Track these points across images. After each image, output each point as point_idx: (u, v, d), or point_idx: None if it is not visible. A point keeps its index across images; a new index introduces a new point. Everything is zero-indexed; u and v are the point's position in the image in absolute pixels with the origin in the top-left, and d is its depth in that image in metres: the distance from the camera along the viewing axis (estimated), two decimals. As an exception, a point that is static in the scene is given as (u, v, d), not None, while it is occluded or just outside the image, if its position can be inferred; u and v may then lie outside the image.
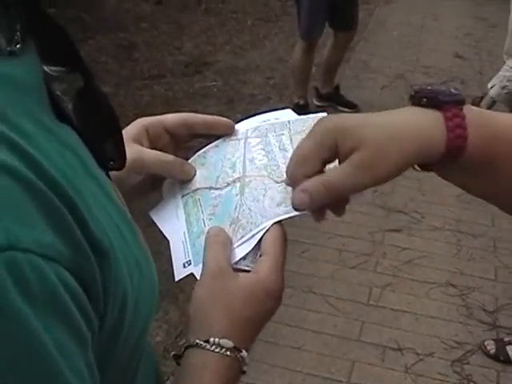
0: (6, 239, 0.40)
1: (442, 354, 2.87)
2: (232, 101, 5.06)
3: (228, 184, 0.80)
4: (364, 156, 0.64)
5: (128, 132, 0.81)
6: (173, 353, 0.69)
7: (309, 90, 4.86)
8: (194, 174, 0.84)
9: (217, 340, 0.64)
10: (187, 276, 0.75)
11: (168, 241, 0.80)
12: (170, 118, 0.84)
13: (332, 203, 0.69)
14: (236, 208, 0.77)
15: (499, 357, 2.84)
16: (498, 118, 0.72)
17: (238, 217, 0.76)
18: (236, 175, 0.81)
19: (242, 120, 0.88)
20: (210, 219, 0.78)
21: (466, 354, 2.87)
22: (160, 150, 0.81)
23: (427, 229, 3.66)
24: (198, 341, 0.65)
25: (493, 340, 2.90)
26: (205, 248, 0.72)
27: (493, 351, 2.85)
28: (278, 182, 0.78)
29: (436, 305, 3.13)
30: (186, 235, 0.79)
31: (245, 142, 0.84)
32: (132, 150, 0.78)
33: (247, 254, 0.73)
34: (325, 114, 0.83)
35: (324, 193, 0.66)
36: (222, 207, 0.78)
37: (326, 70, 4.95)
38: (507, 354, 2.83)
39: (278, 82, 5.43)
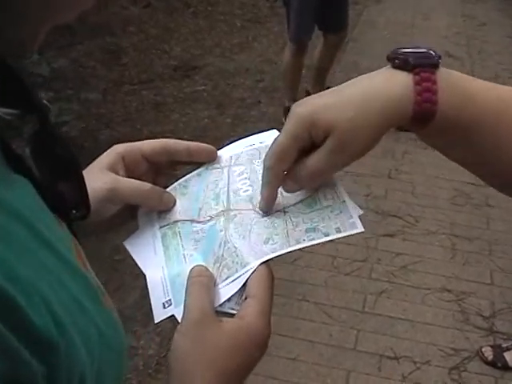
0: None
1: (439, 361, 2.83)
2: (222, 105, 5.02)
3: (211, 218, 0.75)
4: (335, 141, 0.67)
5: (102, 160, 0.77)
6: None
7: (300, 93, 4.81)
8: (174, 204, 0.79)
9: None
10: (168, 318, 0.70)
11: (144, 274, 0.74)
12: (148, 144, 0.79)
13: None
14: (220, 245, 0.72)
15: (497, 363, 2.80)
16: (474, 81, 0.72)
17: (222, 255, 0.71)
18: (220, 208, 0.76)
19: (225, 146, 0.83)
20: (192, 255, 0.73)
21: (463, 360, 2.83)
22: (137, 179, 0.77)
23: (421, 233, 3.62)
24: None
25: (490, 346, 2.87)
26: (187, 289, 0.67)
27: (490, 358, 2.81)
28: (265, 216, 0.74)
29: (432, 311, 3.09)
30: (165, 272, 0.73)
31: (228, 171, 0.80)
32: (106, 179, 0.74)
33: (232, 295, 0.68)
34: None
35: (307, 179, 0.70)
36: (205, 243, 0.73)
37: (317, 72, 4.89)
38: (505, 361, 2.80)
39: (267, 84, 5.39)
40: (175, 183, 0.81)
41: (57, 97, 4.42)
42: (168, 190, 0.80)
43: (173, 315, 0.69)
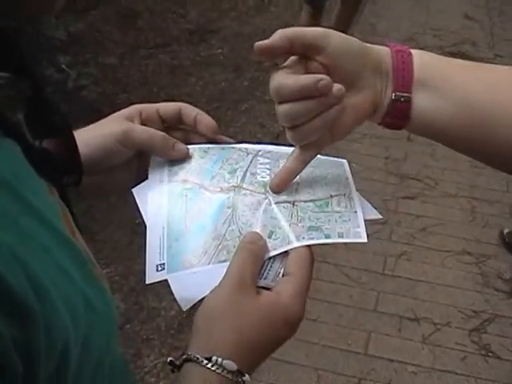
0: None
1: (459, 323, 2.84)
2: (239, 68, 4.98)
3: (221, 189, 0.75)
4: None
5: (120, 113, 0.79)
6: (169, 359, 0.63)
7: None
8: (188, 159, 0.78)
9: (220, 360, 0.59)
10: (160, 282, 0.69)
11: (145, 226, 0.74)
12: (165, 105, 0.81)
13: None
14: (225, 223, 0.71)
15: None
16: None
17: (224, 234, 0.70)
18: (232, 183, 0.75)
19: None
20: (193, 222, 0.72)
21: (483, 323, 2.84)
22: None
23: (441, 195, 3.60)
24: (199, 356, 0.60)
25: None
26: (235, 253, 0.67)
27: None
28: (274, 204, 0.73)
29: (452, 273, 3.09)
30: (165, 231, 0.72)
31: (253, 157, 0.79)
32: (122, 123, 0.76)
33: (269, 272, 0.68)
34: (344, 161, 0.84)
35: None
36: (209, 214, 0.72)
37: (335, 34, 4.83)
38: None
39: (285, 47, 5.33)
40: (196, 145, 0.80)
41: (75, 61, 4.41)
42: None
43: (165, 280, 0.68)
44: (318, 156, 0.79)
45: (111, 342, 0.57)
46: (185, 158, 0.78)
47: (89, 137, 0.69)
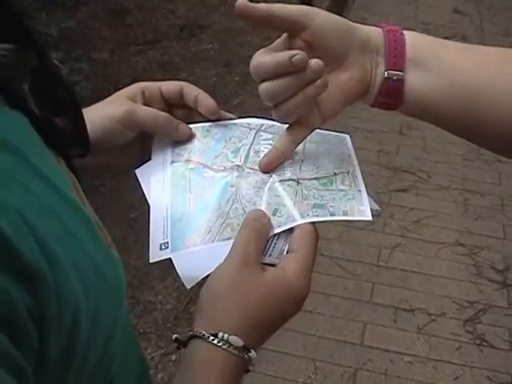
0: None
1: (454, 313, 2.86)
2: (230, 63, 4.98)
3: (225, 168, 0.75)
4: None
5: (123, 91, 0.78)
6: (175, 336, 0.64)
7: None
8: (191, 138, 0.78)
9: (226, 336, 0.59)
10: (163, 260, 0.69)
11: (149, 206, 0.74)
12: (167, 83, 0.80)
13: None
14: (228, 201, 0.71)
15: None
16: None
17: (229, 213, 0.70)
18: (236, 162, 0.75)
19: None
20: (197, 201, 0.72)
21: (477, 313, 2.86)
22: None
23: (434, 188, 3.62)
24: (205, 332, 0.60)
25: None
26: (239, 230, 0.67)
27: None
28: (278, 182, 0.73)
29: (446, 264, 3.11)
30: (169, 211, 0.72)
31: (256, 133, 0.79)
32: (125, 103, 0.75)
33: (273, 249, 0.68)
34: (347, 136, 0.83)
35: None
36: (213, 192, 0.72)
37: (325, 29, 4.84)
38: None
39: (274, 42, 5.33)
40: (198, 124, 0.80)
41: (67, 57, 4.40)
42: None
43: (168, 259, 0.68)
44: (321, 131, 0.79)
45: (121, 314, 0.56)
46: (188, 138, 0.78)
47: (89, 118, 0.67)
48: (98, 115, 0.74)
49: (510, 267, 3.12)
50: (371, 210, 0.72)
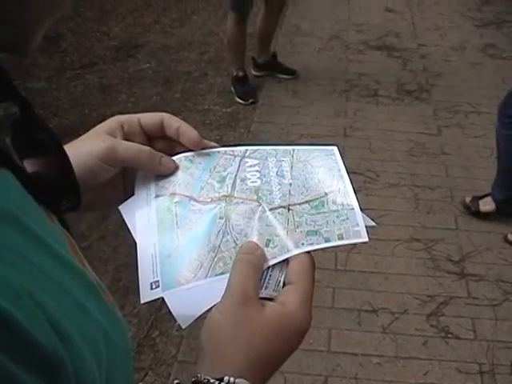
0: None
1: (416, 309, 2.88)
2: (169, 81, 4.95)
3: (212, 200, 0.72)
4: None
5: (101, 126, 0.75)
6: (176, 382, 0.61)
7: (246, 61, 4.77)
8: (174, 172, 0.75)
9: (232, 380, 0.57)
10: (154, 300, 0.66)
11: (135, 242, 0.71)
12: (146, 115, 0.77)
13: None
14: (219, 234, 0.69)
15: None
16: None
17: (220, 246, 0.68)
18: (223, 192, 0.73)
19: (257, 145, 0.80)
20: (185, 236, 0.69)
21: (439, 306, 2.89)
22: None
23: (384, 187, 3.66)
24: (209, 378, 0.57)
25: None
26: (233, 265, 0.64)
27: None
28: (268, 211, 0.71)
29: (403, 261, 3.14)
30: (156, 248, 0.69)
31: (240, 161, 0.77)
32: (105, 139, 0.72)
33: (269, 282, 0.65)
34: (334, 148, 0.80)
35: None
36: (202, 226, 0.70)
37: (261, 38, 4.85)
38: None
39: (212, 56, 5.33)
40: (181, 155, 0.77)
41: (1, 89, 4.31)
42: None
43: (160, 298, 0.66)
44: (306, 147, 0.77)
45: (130, 375, 0.55)
46: (172, 172, 0.76)
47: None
48: (77, 153, 0.70)
49: (466, 257, 3.16)
50: (366, 227, 0.70)
